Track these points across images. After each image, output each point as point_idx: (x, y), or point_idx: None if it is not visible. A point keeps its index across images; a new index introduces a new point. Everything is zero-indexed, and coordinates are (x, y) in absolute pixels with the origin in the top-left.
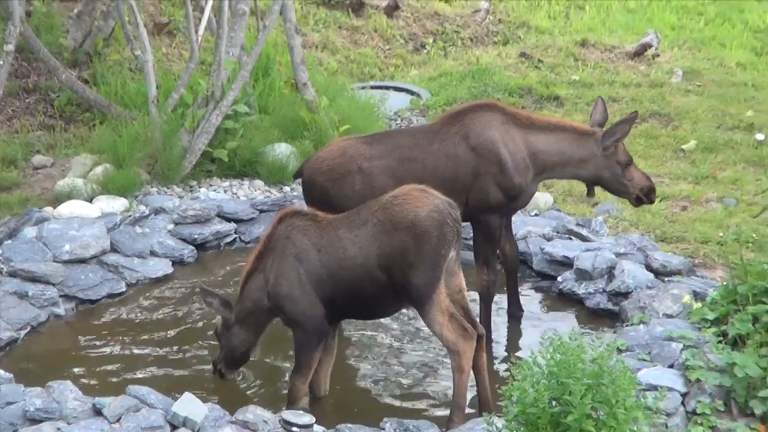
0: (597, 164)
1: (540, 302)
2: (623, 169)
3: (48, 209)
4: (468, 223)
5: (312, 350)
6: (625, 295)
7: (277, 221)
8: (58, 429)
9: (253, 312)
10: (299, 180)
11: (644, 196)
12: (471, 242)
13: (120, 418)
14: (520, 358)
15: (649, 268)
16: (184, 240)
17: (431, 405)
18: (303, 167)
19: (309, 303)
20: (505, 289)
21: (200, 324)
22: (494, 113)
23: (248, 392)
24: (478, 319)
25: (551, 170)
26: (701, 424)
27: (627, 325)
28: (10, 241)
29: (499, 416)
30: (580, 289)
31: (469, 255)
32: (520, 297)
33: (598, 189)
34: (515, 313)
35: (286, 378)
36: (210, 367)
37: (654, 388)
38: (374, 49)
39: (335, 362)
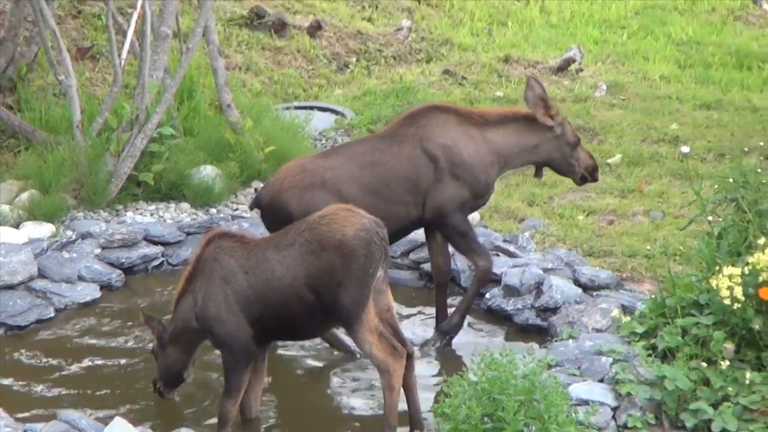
0: (548, 147)
1: (468, 319)
2: (572, 150)
3: None
4: (397, 242)
5: (240, 372)
6: (554, 310)
7: (205, 243)
8: None
9: (184, 332)
10: (225, 204)
11: (588, 175)
12: (399, 260)
13: None
14: (450, 375)
15: (577, 282)
16: (112, 264)
17: (363, 424)
18: (260, 194)
19: (236, 324)
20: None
21: (130, 347)
22: (449, 114)
23: (179, 415)
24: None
25: (511, 162)
26: None
27: (556, 341)
28: None
29: None
30: (509, 306)
31: (398, 274)
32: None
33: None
34: (443, 328)
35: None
36: (141, 390)
37: (585, 402)
38: (297, 69)
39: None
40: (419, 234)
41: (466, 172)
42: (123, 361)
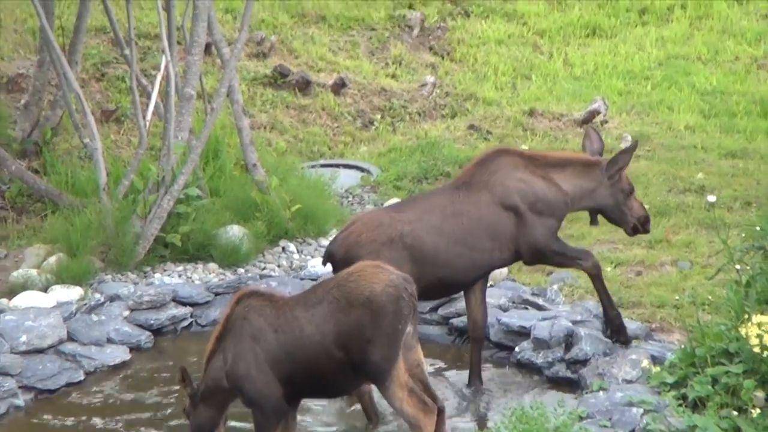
0: (603, 193)
1: (498, 372)
2: (625, 198)
3: (3, 301)
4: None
5: (270, 430)
6: (584, 362)
7: (235, 302)
8: None
9: (215, 391)
10: (253, 263)
11: (640, 226)
12: (428, 315)
13: None
14: (482, 430)
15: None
16: (141, 326)
17: None
18: (333, 249)
19: (266, 383)
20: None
21: (161, 408)
22: (515, 157)
23: None
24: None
25: (572, 203)
26: None
27: (587, 393)
28: None
29: None
30: (539, 359)
31: (427, 329)
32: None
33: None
34: (475, 384)
35: None
36: None
37: None
38: (322, 127)
39: None
40: None
41: (546, 205)
42: (154, 423)
